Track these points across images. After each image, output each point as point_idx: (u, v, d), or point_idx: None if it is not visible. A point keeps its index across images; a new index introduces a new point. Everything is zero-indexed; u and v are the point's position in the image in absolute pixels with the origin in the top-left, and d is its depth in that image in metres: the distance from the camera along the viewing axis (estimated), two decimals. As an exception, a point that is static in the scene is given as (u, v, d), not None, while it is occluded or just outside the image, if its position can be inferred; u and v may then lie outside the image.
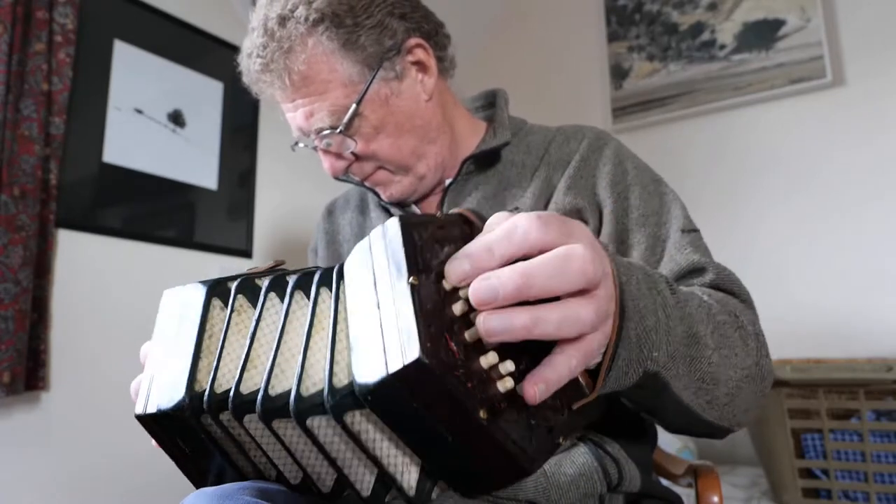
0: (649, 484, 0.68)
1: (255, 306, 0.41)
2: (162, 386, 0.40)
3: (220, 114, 2.03)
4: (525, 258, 0.33)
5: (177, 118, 1.90)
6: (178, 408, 0.39)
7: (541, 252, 0.33)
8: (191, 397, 0.39)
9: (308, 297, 0.39)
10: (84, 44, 1.68)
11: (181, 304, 0.43)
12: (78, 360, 1.59)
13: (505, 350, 0.33)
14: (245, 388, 0.37)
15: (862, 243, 1.87)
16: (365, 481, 0.37)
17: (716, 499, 0.76)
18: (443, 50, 0.77)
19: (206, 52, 2.00)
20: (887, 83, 1.90)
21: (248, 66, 0.71)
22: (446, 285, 0.33)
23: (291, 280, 0.40)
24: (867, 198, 1.88)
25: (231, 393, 0.37)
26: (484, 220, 0.38)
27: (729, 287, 0.62)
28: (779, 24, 2.07)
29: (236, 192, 2.06)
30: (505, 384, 0.32)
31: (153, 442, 0.45)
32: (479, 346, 0.32)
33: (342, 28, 0.67)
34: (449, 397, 0.30)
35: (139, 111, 1.81)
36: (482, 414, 0.30)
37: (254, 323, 0.39)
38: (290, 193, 2.24)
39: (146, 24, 1.85)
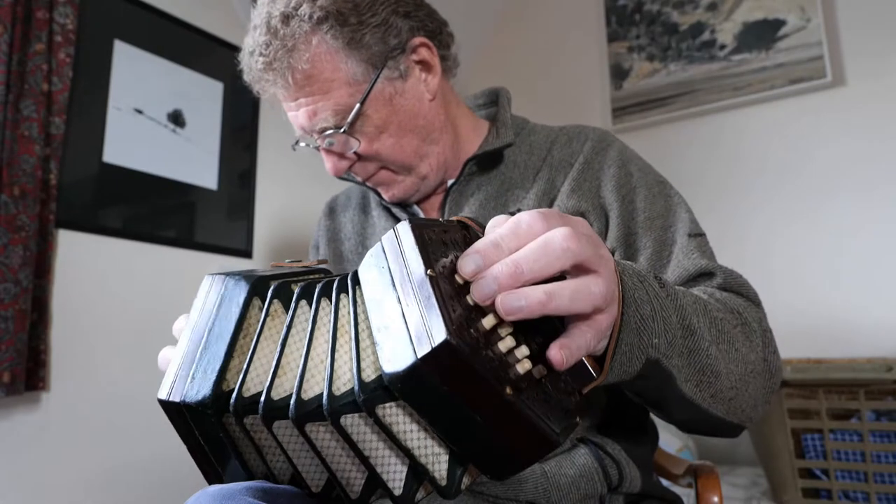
0: (650, 484, 0.68)
1: (287, 312, 0.43)
2: (189, 376, 0.41)
3: (220, 114, 2.03)
4: None
5: (177, 118, 1.90)
6: (202, 403, 0.39)
7: None
8: (217, 396, 0.39)
9: (331, 304, 0.40)
10: (84, 44, 1.68)
11: (221, 294, 0.43)
12: (78, 360, 1.59)
13: (518, 335, 0.36)
14: (276, 395, 0.38)
15: (862, 243, 1.87)
16: (397, 477, 0.38)
17: (716, 499, 0.76)
18: (446, 49, 0.76)
19: (206, 52, 2.00)
20: (887, 83, 1.90)
21: (250, 64, 0.70)
22: (459, 280, 0.35)
23: (318, 288, 0.41)
24: (867, 197, 1.88)
25: (262, 399, 0.38)
26: (482, 225, 0.40)
27: (737, 289, 0.62)
28: (779, 24, 2.07)
29: (236, 192, 2.06)
30: (524, 366, 0.34)
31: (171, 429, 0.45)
32: (495, 333, 0.35)
33: (346, 26, 0.67)
34: (477, 377, 0.31)
35: (139, 111, 1.81)
36: (509, 391, 0.32)
37: (285, 329, 0.40)
38: (291, 193, 2.24)
39: (146, 24, 1.85)
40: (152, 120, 1.84)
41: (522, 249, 0.35)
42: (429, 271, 0.33)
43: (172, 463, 1.72)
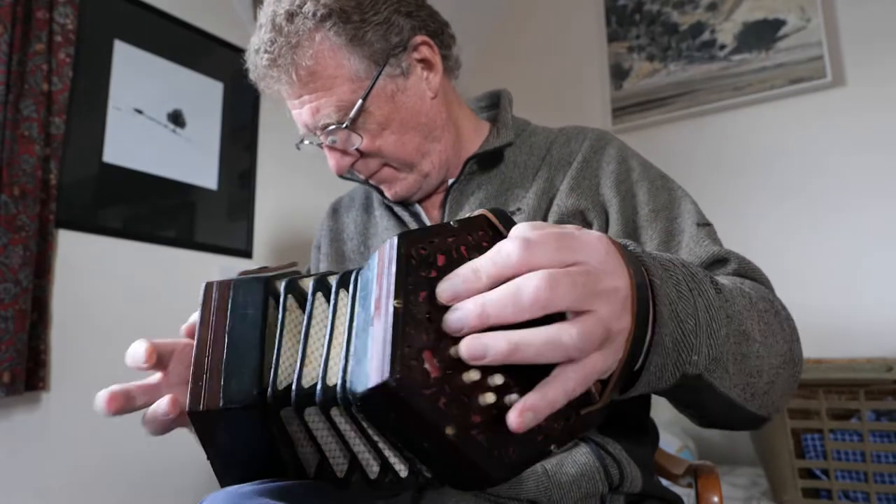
0: (650, 484, 0.68)
1: (300, 306, 0.44)
2: (222, 381, 0.41)
3: (220, 114, 2.03)
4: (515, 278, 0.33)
5: (177, 118, 1.90)
6: (248, 404, 0.40)
7: (529, 270, 0.33)
8: (259, 393, 0.40)
9: (348, 294, 0.42)
10: (84, 44, 1.68)
11: (232, 298, 0.44)
12: (78, 360, 1.59)
13: (493, 366, 0.34)
14: (305, 383, 0.40)
15: (862, 243, 1.87)
16: (398, 464, 0.40)
17: (716, 499, 0.76)
18: (448, 49, 0.77)
19: (206, 52, 2.00)
20: (887, 83, 1.90)
21: (256, 62, 0.71)
22: (440, 301, 0.35)
23: (334, 280, 0.42)
24: (867, 197, 1.88)
25: (294, 387, 0.39)
26: (511, 223, 0.39)
27: (752, 275, 0.62)
28: (779, 24, 2.07)
29: (236, 192, 2.06)
30: (486, 399, 0.34)
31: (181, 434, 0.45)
32: (465, 363, 0.34)
33: (349, 24, 0.68)
34: (415, 415, 0.32)
35: (139, 111, 1.81)
36: (448, 430, 0.32)
37: (306, 320, 0.42)
38: (290, 193, 2.24)
39: (146, 24, 1.85)
40: (152, 120, 1.84)
41: (493, 292, 0.33)
42: (395, 302, 0.33)
43: (173, 463, 1.72)
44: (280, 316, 0.42)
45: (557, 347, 0.33)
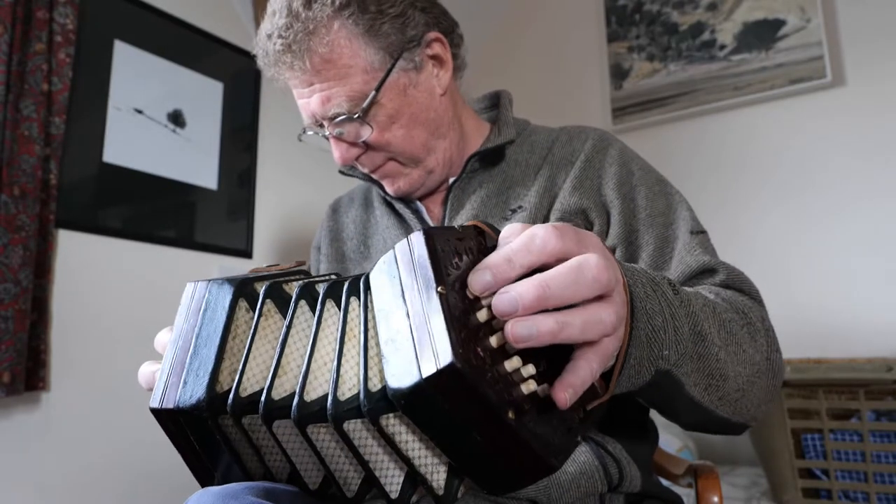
0: (650, 484, 0.68)
1: (281, 312, 0.42)
2: (180, 382, 0.40)
3: (220, 114, 2.03)
4: (543, 267, 0.34)
5: (177, 118, 1.90)
6: (196, 406, 0.39)
7: (558, 261, 0.35)
8: (211, 398, 0.39)
9: (339, 307, 0.40)
10: (84, 44, 1.68)
11: (205, 299, 0.43)
12: (78, 360, 1.59)
13: (525, 354, 0.35)
14: (276, 394, 0.38)
15: (862, 243, 1.87)
16: (394, 481, 0.38)
17: (716, 499, 0.76)
18: (457, 48, 0.78)
19: (206, 52, 2.00)
20: (887, 83, 1.90)
21: (268, 47, 0.70)
22: (470, 294, 0.34)
23: (322, 288, 0.41)
24: (867, 197, 1.88)
25: (262, 398, 0.38)
26: (497, 231, 0.40)
27: (739, 286, 0.63)
28: (779, 24, 2.07)
29: (236, 192, 2.06)
30: (528, 387, 0.34)
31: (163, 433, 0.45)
32: (503, 351, 0.34)
33: (367, 14, 0.68)
34: (480, 400, 0.31)
35: (139, 111, 1.81)
36: (510, 414, 0.32)
37: (285, 329, 0.40)
38: (290, 193, 2.24)
39: (146, 24, 1.85)
40: (152, 120, 1.84)
41: (552, 272, 0.33)
42: (439, 288, 0.33)
43: (173, 462, 1.72)
44: (255, 320, 0.41)
45: (598, 324, 0.34)
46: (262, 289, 0.43)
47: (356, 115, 0.69)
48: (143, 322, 1.72)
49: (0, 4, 1.43)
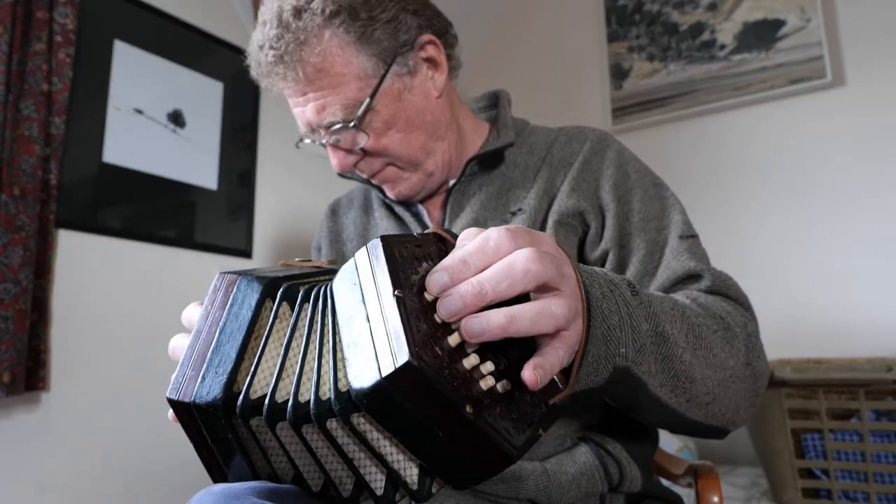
0: (650, 484, 0.68)
1: (293, 314, 0.43)
2: (199, 377, 0.41)
3: (220, 114, 2.03)
4: None
5: (177, 118, 1.90)
6: (212, 405, 0.40)
7: None
8: (226, 398, 0.39)
9: (328, 308, 0.41)
10: (84, 44, 1.68)
11: (233, 294, 0.43)
12: (78, 360, 1.59)
13: (485, 353, 0.37)
14: (279, 397, 0.39)
15: (862, 243, 1.87)
16: (378, 481, 0.39)
17: (716, 499, 0.76)
18: (451, 49, 0.77)
19: (206, 52, 2.00)
20: (887, 83, 1.90)
21: (259, 58, 0.69)
22: (428, 297, 0.36)
23: (314, 291, 0.42)
24: (867, 197, 1.88)
25: (266, 401, 0.39)
26: (456, 236, 0.42)
27: (725, 292, 0.63)
28: (779, 24, 2.07)
29: (236, 192, 2.06)
30: (487, 382, 0.36)
31: (174, 422, 0.45)
32: (461, 350, 0.36)
33: (358, 21, 0.67)
34: (438, 396, 0.33)
35: (139, 111, 1.81)
36: (469, 409, 0.33)
37: (289, 332, 0.41)
38: (290, 194, 2.24)
39: (146, 24, 1.85)
40: (152, 120, 1.84)
41: (487, 271, 0.36)
42: (396, 291, 0.34)
43: (173, 462, 1.72)
44: (270, 322, 0.42)
45: (549, 317, 0.36)
46: (280, 290, 0.43)
47: (352, 123, 0.68)
48: (144, 322, 1.73)
49: (0, 4, 1.43)
